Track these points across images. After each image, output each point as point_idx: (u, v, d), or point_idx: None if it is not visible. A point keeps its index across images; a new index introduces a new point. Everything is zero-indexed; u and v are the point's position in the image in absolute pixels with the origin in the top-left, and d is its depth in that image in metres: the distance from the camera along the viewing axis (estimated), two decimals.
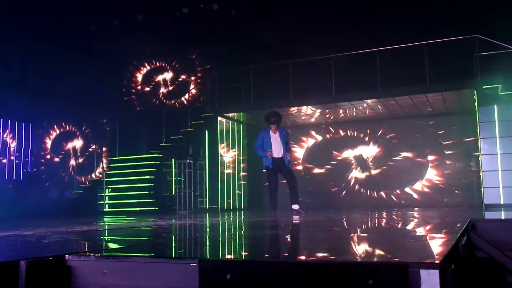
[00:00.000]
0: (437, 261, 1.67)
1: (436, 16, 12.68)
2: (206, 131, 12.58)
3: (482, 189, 10.46)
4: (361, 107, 12.34)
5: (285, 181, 8.29)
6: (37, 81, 13.74)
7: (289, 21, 13.82)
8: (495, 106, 10.23)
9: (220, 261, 2.00)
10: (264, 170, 8.34)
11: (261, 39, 13.65)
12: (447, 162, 12.62)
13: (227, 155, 13.12)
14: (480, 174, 10.63)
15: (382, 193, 13.20)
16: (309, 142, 14.10)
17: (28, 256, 1.96)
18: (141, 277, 1.93)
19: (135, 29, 14.62)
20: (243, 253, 2.64)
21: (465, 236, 3.42)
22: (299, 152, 14.09)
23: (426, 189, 12.77)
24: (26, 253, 2.60)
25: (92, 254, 2.13)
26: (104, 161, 13.74)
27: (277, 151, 8.06)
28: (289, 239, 3.63)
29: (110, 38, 14.20)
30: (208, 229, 4.92)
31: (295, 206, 7.99)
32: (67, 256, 2.05)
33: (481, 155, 10.37)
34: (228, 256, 2.39)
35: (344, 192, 13.53)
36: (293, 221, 5.93)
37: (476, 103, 10.54)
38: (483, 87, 10.36)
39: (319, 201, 13.20)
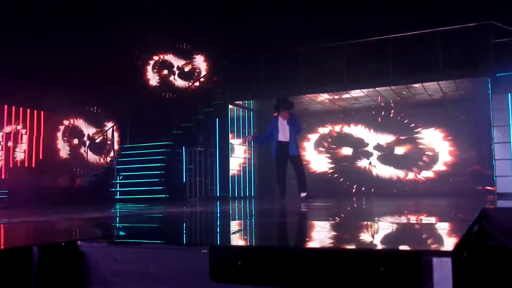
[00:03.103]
0: (449, 249, 1.66)
1: (450, 2, 12.49)
2: (217, 119, 12.57)
3: (494, 177, 10.37)
4: (372, 95, 12.24)
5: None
6: (48, 68, 13.79)
7: (300, 8, 13.70)
8: (509, 94, 10.09)
9: (231, 248, 2.00)
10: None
11: (272, 26, 13.57)
12: (459, 150, 12.52)
13: (238, 142, 13.12)
14: (493, 162, 10.53)
15: (393, 182, 13.14)
16: (320, 129, 14.05)
17: (41, 242, 1.97)
18: (152, 264, 1.94)
19: (145, 16, 14.60)
20: (254, 240, 2.64)
21: (477, 225, 3.39)
22: (311, 138, 14.05)
23: (438, 177, 12.69)
24: (38, 238, 2.62)
25: (104, 240, 2.14)
26: (116, 148, 13.81)
27: (284, 136, 8.06)
28: (299, 227, 3.63)
29: (121, 25, 14.19)
30: (218, 217, 4.94)
31: (303, 194, 8.01)
32: (79, 242, 2.06)
33: (494, 143, 10.26)
34: (239, 243, 2.40)
35: (355, 180, 13.49)
36: (302, 209, 5.93)
37: (490, 91, 10.40)
38: (497, 74, 10.21)
39: (329, 189, 13.19)
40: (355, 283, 1.66)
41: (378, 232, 2.94)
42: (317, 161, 13.99)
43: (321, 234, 2.83)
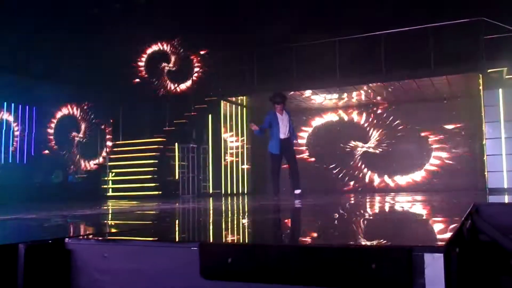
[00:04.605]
0: (441, 245, 1.64)
1: None
2: (210, 115, 12.54)
3: (486, 173, 10.42)
4: (365, 91, 12.25)
5: (287, 165, 8.32)
6: (41, 64, 13.67)
7: (293, 3, 13.65)
8: (500, 90, 10.14)
9: (221, 245, 1.98)
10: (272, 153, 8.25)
11: (264, 21, 13.52)
12: (451, 146, 12.57)
13: (231, 139, 13.09)
14: (484, 158, 10.58)
15: (386, 177, 13.17)
16: (312, 126, 14.05)
17: (28, 239, 1.94)
18: (142, 261, 1.91)
19: (138, 11, 14.50)
20: (245, 237, 2.62)
21: (469, 220, 3.39)
22: (302, 135, 14.04)
23: (429, 173, 12.73)
24: (26, 236, 2.59)
25: (92, 238, 2.11)
26: (108, 145, 13.74)
27: (284, 132, 8.07)
28: (291, 223, 3.61)
29: (114, 20, 14.09)
30: (211, 213, 4.92)
31: (297, 191, 8.02)
32: (67, 239, 2.03)
33: (486, 139, 10.31)
34: (230, 240, 2.37)
35: (346, 177, 13.51)
36: (295, 205, 5.92)
37: (481, 87, 10.44)
38: (488, 70, 10.25)
39: (320, 186, 13.22)
40: (347, 279, 1.64)
41: (370, 228, 2.93)
42: (310, 157, 13.99)
43: (312, 231, 2.82)
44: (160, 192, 11.30)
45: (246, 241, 2.37)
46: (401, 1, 12.84)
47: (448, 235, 2.10)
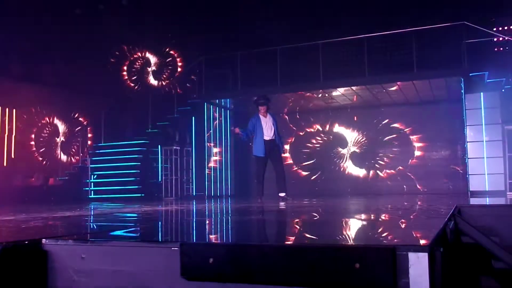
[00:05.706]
0: (426, 244, 1.63)
1: (424, 3, 12.65)
2: (193, 118, 12.47)
3: (467, 176, 10.52)
4: (349, 94, 12.29)
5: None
6: (21, 66, 13.46)
7: (277, 6, 13.68)
8: (482, 94, 10.25)
9: (202, 245, 1.94)
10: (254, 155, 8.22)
11: (249, 24, 13.53)
12: (433, 149, 12.67)
13: (214, 142, 13.03)
14: (466, 161, 10.68)
15: (369, 180, 13.22)
16: (297, 129, 14.06)
17: (4, 240, 1.88)
18: (121, 262, 1.86)
19: (121, 13, 14.37)
20: (227, 237, 2.58)
21: (452, 221, 3.40)
22: (286, 137, 14.04)
23: (411, 176, 12.82)
24: (1, 237, 2.51)
25: (70, 238, 2.06)
26: (90, 147, 13.57)
27: (268, 134, 8.04)
28: (274, 224, 3.58)
29: (96, 22, 13.95)
30: (193, 215, 4.87)
31: (282, 194, 7.98)
32: (43, 240, 1.97)
33: (467, 142, 10.41)
34: (211, 240, 2.33)
35: (330, 179, 13.53)
36: (280, 207, 5.90)
37: (463, 90, 10.56)
38: (470, 74, 10.37)
39: (305, 187, 13.22)
40: (331, 279, 1.61)
41: (354, 228, 2.91)
42: (293, 161, 13.99)
43: (296, 231, 2.79)
44: (142, 195, 11.20)
45: (228, 242, 2.34)
46: (384, 4, 12.95)
47: (432, 234, 2.09)
